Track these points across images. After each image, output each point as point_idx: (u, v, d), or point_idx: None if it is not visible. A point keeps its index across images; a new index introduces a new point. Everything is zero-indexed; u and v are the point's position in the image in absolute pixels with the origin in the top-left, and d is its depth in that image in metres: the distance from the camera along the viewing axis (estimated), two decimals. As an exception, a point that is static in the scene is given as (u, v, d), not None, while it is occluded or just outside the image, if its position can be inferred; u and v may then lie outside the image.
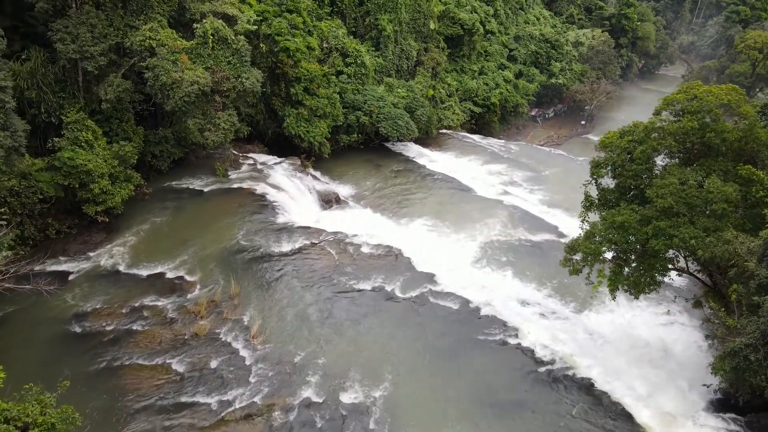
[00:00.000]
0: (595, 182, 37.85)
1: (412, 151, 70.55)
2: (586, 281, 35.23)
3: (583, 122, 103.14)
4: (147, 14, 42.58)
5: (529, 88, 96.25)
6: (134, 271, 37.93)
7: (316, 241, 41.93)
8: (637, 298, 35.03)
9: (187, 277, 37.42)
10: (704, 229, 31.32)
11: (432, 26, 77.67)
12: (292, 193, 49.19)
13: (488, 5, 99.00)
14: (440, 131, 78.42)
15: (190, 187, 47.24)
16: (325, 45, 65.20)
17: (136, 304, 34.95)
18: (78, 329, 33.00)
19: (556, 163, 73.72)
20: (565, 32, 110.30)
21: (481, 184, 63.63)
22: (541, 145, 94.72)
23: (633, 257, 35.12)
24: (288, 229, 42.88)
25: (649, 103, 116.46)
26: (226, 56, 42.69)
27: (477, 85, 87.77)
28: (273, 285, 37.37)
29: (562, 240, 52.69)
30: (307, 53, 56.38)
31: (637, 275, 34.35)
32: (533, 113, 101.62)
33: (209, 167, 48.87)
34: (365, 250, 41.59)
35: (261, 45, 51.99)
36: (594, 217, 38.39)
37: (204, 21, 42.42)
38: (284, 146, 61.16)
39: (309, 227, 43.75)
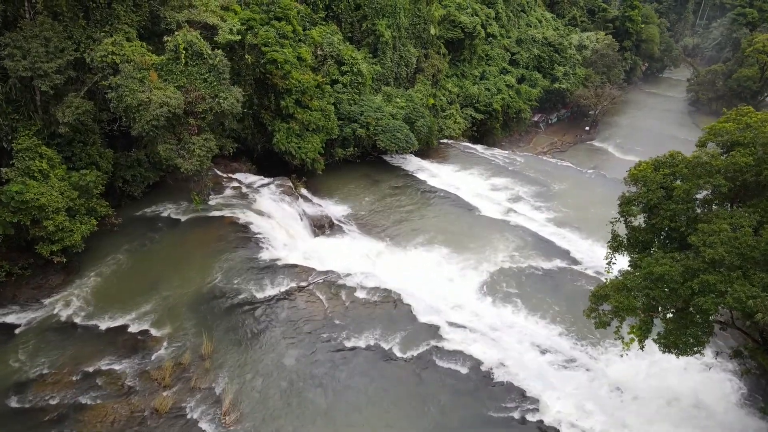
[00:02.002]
0: (625, 221, 31.64)
1: (412, 164, 64.24)
2: (615, 336, 29.20)
3: (587, 128, 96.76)
4: (113, 25, 36.13)
5: (532, 93, 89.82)
6: (92, 322, 31.58)
7: (305, 284, 35.47)
8: (677, 357, 28.96)
9: (153, 331, 31.09)
10: (764, 286, 25.13)
11: (432, 31, 71.00)
12: (280, 220, 42.81)
13: (489, 8, 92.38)
14: (441, 141, 72.05)
15: (166, 215, 40.84)
16: (319, 52, 58.72)
17: (90, 369, 28.59)
18: (16, 404, 26.67)
19: (564, 177, 67.34)
20: (567, 35, 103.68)
21: (486, 202, 57.41)
22: (545, 152, 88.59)
23: (669, 306, 28.98)
24: (273, 269, 36.43)
25: (654, 107, 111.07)
26: (201, 73, 36.20)
27: (478, 91, 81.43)
28: (252, 341, 31.02)
29: (575, 267, 47.26)
30: (297, 64, 49.81)
31: (676, 333, 28.27)
32: (536, 119, 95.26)
33: (188, 192, 42.40)
34: (360, 294, 35.10)
35: (246, 56, 45.47)
36: (622, 259, 32.48)
37: (176, 33, 35.93)
38: (275, 162, 54.86)
39: (296, 265, 37.25)
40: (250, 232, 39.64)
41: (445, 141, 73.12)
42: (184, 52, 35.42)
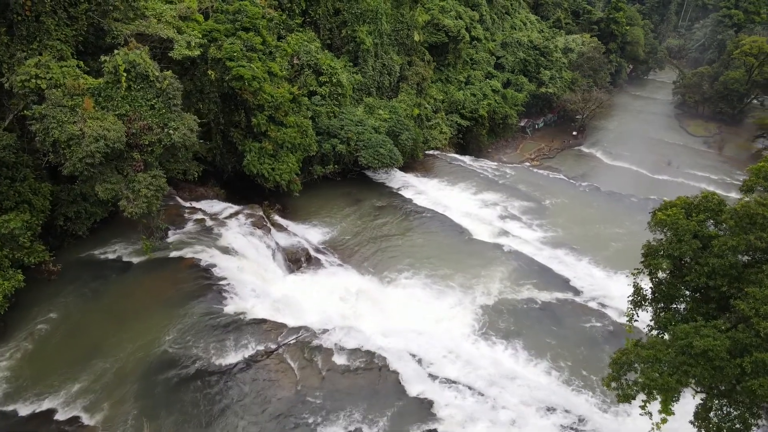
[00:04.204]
0: (650, 273, 25.56)
1: (396, 180, 57.85)
2: (642, 412, 23.17)
3: (574, 133, 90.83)
4: (41, 41, 29.21)
5: (518, 97, 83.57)
6: (11, 407, 24.82)
7: (274, 346, 28.79)
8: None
9: (85, 418, 24.43)
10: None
11: (416, 38, 64.34)
12: (249, 259, 36.21)
13: (473, 10, 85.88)
14: (427, 153, 65.63)
15: (115, 257, 34.02)
16: (295, 61, 52.01)
17: (-1, 478, 22.15)
18: None
19: (557, 190, 61.44)
20: (553, 38, 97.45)
21: (476, 223, 51.33)
22: (532, 159, 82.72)
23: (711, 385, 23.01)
24: (237, 325, 29.75)
25: (640, 110, 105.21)
26: (147, 99, 29.37)
27: (464, 96, 75.20)
28: (205, 430, 24.55)
29: (576, 299, 41.89)
30: (268, 80, 42.93)
31: (719, 414, 22.48)
32: (522, 124, 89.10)
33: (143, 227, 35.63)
34: (338, 360, 28.45)
35: (209, 72, 38.67)
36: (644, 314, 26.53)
37: (116, 52, 29.06)
38: (247, 183, 48.19)
39: (265, 321, 30.49)
40: (212, 278, 32.96)
41: (431, 152, 66.80)
42: (125, 74, 28.59)
